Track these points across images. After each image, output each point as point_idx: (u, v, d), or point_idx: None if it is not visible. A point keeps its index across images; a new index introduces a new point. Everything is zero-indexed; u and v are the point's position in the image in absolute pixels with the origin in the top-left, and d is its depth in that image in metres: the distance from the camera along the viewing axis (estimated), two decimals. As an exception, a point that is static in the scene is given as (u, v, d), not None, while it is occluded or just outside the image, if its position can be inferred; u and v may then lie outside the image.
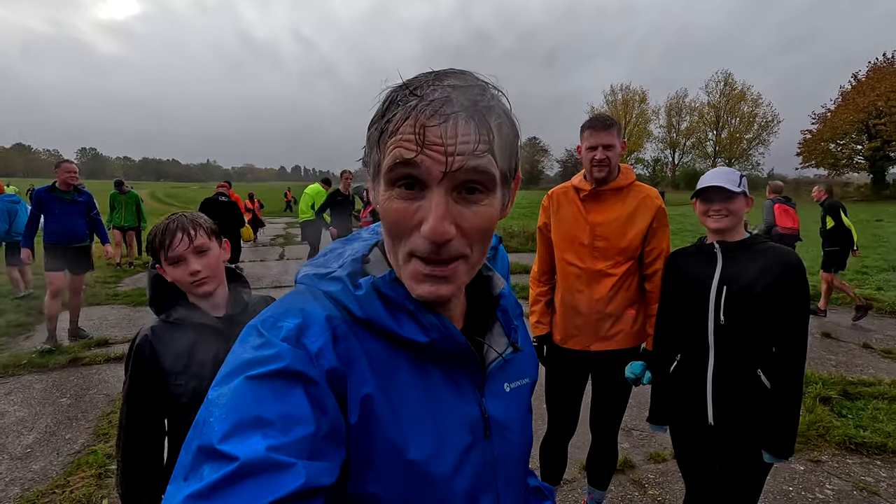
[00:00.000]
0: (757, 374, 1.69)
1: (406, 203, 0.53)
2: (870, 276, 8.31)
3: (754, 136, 49.07)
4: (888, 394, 3.81)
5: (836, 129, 37.08)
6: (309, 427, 0.48)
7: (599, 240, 2.00)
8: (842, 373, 4.28)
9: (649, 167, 56.65)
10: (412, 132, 0.50)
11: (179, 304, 1.31)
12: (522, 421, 0.71)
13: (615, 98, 55.60)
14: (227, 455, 0.44)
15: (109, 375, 4.37)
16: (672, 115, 54.35)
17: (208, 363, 1.24)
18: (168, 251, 1.25)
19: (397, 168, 0.52)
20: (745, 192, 1.72)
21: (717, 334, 1.72)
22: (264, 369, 0.49)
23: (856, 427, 3.30)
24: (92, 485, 2.71)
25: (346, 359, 0.55)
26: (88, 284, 8.09)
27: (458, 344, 0.60)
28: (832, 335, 5.44)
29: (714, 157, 51.59)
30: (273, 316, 0.56)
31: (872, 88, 34.97)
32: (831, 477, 2.82)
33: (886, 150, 34.46)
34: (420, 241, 0.53)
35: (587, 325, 2.04)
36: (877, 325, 5.86)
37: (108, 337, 5.40)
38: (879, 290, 7.26)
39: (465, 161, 0.51)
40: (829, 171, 39.34)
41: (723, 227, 1.73)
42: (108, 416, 3.59)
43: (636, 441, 3.25)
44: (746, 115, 49.32)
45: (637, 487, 2.75)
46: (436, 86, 0.52)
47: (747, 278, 1.67)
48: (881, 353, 4.88)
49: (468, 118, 0.51)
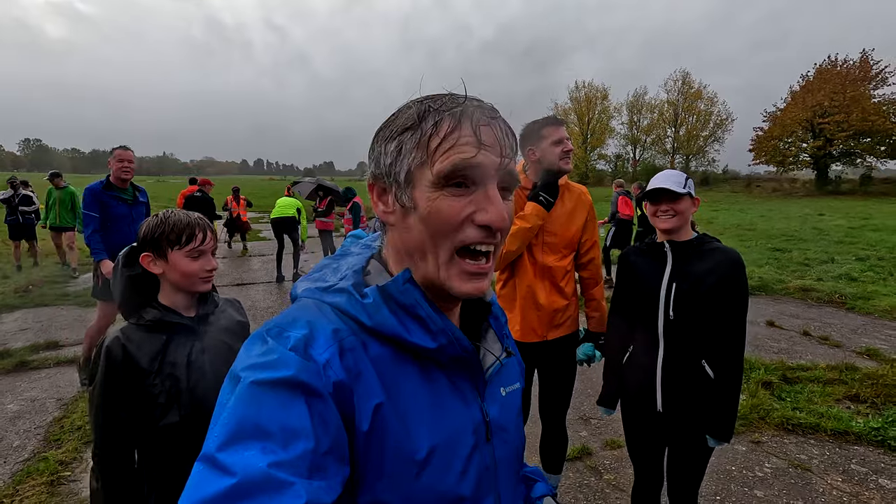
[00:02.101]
0: (702, 364, 1.81)
1: (457, 199, 0.57)
2: (811, 268, 8.85)
3: (710, 133, 51.04)
4: (823, 377, 4.11)
5: (784, 127, 38.97)
6: (309, 442, 0.47)
7: (549, 235, 2.13)
8: (783, 359, 4.58)
9: (611, 163, 58.07)
10: (470, 133, 0.56)
11: (152, 307, 1.31)
12: (517, 423, 0.74)
13: (579, 94, 56.67)
14: (225, 467, 0.44)
15: (60, 379, 4.19)
16: (633, 113, 55.87)
17: (181, 363, 1.26)
18: (191, 243, 1.29)
19: (457, 172, 0.56)
20: (690, 193, 1.82)
21: (666, 328, 1.83)
22: (269, 376, 0.50)
23: (793, 409, 3.54)
24: (43, 493, 2.62)
25: (354, 371, 0.55)
26: (34, 285, 7.71)
27: (465, 349, 0.62)
28: (776, 323, 5.79)
29: (673, 153, 53.38)
30: (278, 326, 0.57)
31: (819, 89, 36.92)
32: (770, 456, 3.03)
33: (829, 148, 36.50)
34: (472, 231, 0.57)
35: (545, 317, 2.15)
36: (816, 314, 6.27)
37: (59, 339, 5.17)
38: (819, 281, 7.74)
39: (511, 157, 0.59)
40: (777, 168, 41.35)
41: (670, 227, 1.82)
42: (59, 421, 3.45)
43: (593, 429, 3.39)
44: (703, 112, 51.21)
45: (594, 473, 2.88)
46: (462, 98, 0.59)
47: (695, 277, 1.78)
48: (818, 340, 5.23)
49: (503, 122, 0.60)
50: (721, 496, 2.66)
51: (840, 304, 6.68)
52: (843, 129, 34.90)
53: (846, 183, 35.73)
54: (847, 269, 8.45)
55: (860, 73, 36.29)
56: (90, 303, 6.72)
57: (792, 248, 10.99)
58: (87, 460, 2.99)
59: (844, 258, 9.52)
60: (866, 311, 6.30)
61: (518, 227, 2.04)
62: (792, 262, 9.38)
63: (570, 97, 57.66)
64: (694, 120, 52.12)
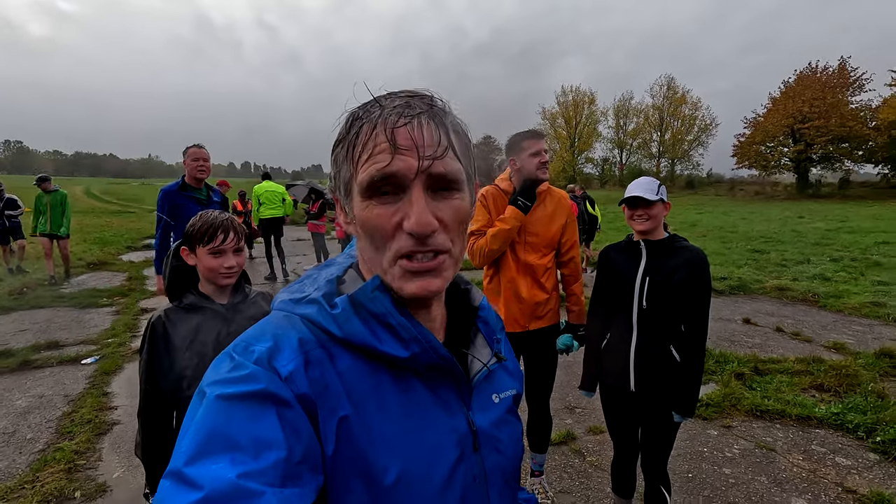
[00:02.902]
0: (669, 349, 2.05)
1: (385, 207, 0.55)
2: (787, 268, 9.22)
3: (695, 137, 52.00)
4: (791, 369, 4.40)
5: (766, 132, 39.90)
6: (281, 451, 0.47)
7: (531, 235, 2.37)
8: (755, 353, 4.86)
9: (598, 167, 58.83)
10: (384, 139, 0.53)
11: (190, 292, 1.52)
12: (512, 432, 0.71)
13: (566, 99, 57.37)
14: (192, 482, 0.43)
15: (65, 377, 4.33)
16: (619, 117, 56.71)
17: (210, 342, 1.47)
18: (212, 242, 1.47)
19: (375, 182, 0.54)
20: (662, 199, 2.06)
21: (639, 316, 2.07)
22: (236, 390, 0.49)
23: (762, 397, 3.81)
24: (62, 479, 2.78)
25: (319, 384, 0.54)
26: (29, 287, 7.76)
27: (441, 356, 0.59)
28: (752, 321, 6.09)
29: (658, 157, 54.26)
30: (245, 341, 0.56)
31: (799, 95, 37.87)
32: (739, 439, 3.29)
33: (809, 152, 37.47)
34: (404, 239, 0.55)
35: (527, 309, 2.39)
36: (790, 311, 6.59)
37: (59, 339, 5.28)
38: (794, 280, 8.09)
39: (434, 157, 0.54)
40: (760, 172, 42.29)
41: (644, 229, 2.06)
42: (69, 415, 3.60)
43: (578, 417, 3.62)
44: (687, 117, 52.19)
45: (578, 455, 3.11)
46: (392, 97, 0.57)
47: (666, 271, 2.02)
48: (790, 335, 5.54)
49: (429, 119, 0.55)
50: (693, 474, 2.90)
51: (813, 302, 7.02)
52: (822, 135, 35.83)
53: (826, 186, 36.69)
54: (821, 270, 8.83)
55: (839, 80, 37.32)
56: (88, 303, 6.84)
57: (770, 249, 11.40)
58: (101, 450, 3.15)
59: (819, 259, 9.92)
60: (837, 308, 6.64)
61: (498, 228, 2.29)
62: (770, 263, 9.76)
63: (557, 101, 58.33)
64: (679, 124, 53.06)
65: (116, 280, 8.55)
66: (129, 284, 8.16)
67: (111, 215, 21.94)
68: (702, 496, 2.71)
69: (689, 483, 2.82)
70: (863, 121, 35.25)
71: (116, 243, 12.89)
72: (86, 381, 4.21)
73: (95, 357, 4.76)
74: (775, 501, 2.66)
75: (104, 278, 8.69)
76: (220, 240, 1.49)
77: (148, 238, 14.34)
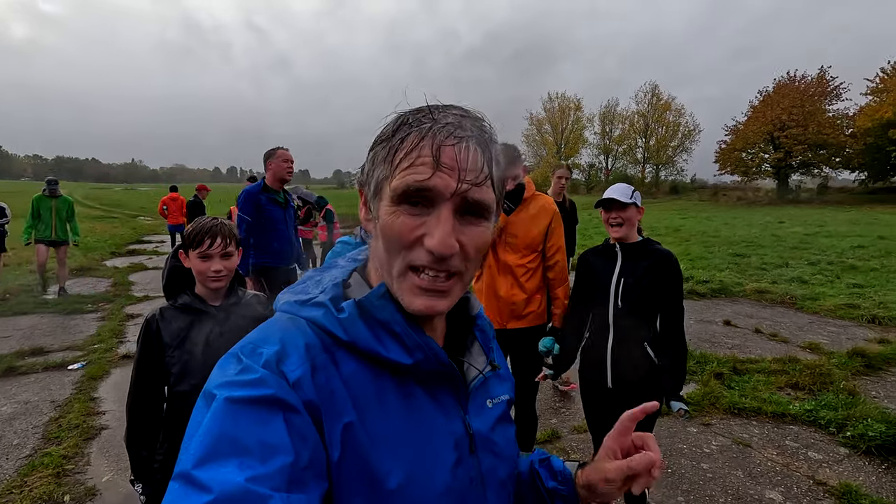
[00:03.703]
0: (644, 347, 2.15)
1: (411, 218, 0.55)
2: (767, 272, 9.46)
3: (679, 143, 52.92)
4: (768, 368, 4.55)
5: (746, 139, 40.78)
6: (288, 456, 0.47)
7: (510, 236, 2.48)
8: (735, 354, 5.01)
9: (585, 172, 59.50)
10: (429, 154, 0.54)
11: (186, 293, 1.58)
12: (507, 435, 0.73)
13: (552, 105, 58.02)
14: (201, 484, 0.43)
15: (51, 383, 4.30)
16: (605, 123, 57.49)
17: (200, 342, 1.54)
18: (200, 247, 1.54)
19: (410, 192, 0.54)
20: (636, 203, 2.17)
21: (615, 315, 2.17)
22: (245, 393, 0.49)
23: (740, 396, 3.94)
24: (51, 483, 2.79)
25: (325, 390, 0.54)
26: (11, 293, 7.65)
27: (443, 363, 0.61)
28: (732, 322, 6.26)
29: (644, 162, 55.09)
30: (252, 342, 0.57)
31: (777, 103, 38.82)
32: (717, 436, 3.41)
33: (789, 159, 38.40)
34: (422, 253, 0.55)
35: (505, 307, 2.49)
36: (769, 314, 6.78)
37: (43, 345, 5.23)
38: (773, 283, 8.31)
39: (474, 183, 0.55)
40: (741, 178, 43.15)
41: (620, 235, 2.17)
42: (55, 420, 3.59)
43: (563, 417, 3.72)
44: (671, 123, 53.11)
45: (562, 454, 3.20)
46: (445, 112, 0.57)
47: (639, 272, 2.13)
48: (768, 336, 5.71)
49: (477, 144, 0.56)
50: (672, 469, 3.01)
51: (791, 304, 7.23)
52: (800, 142, 36.76)
53: (805, 192, 37.61)
54: (799, 273, 9.07)
55: (817, 89, 38.34)
56: (73, 309, 6.77)
57: (751, 253, 11.66)
58: (89, 454, 3.16)
59: (797, 263, 10.19)
60: (813, 310, 6.85)
61: None
62: (750, 267, 10.00)
63: (544, 108, 58.97)
64: (663, 131, 53.96)
65: (101, 286, 8.47)
66: (114, 290, 8.09)
67: (94, 220, 21.62)
68: (680, 490, 2.81)
69: (669, 478, 2.92)
70: (840, 129, 36.24)
71: (100, 249, 12.74)
72: (72, 387, 4.20)
73: (82, 363, 4.73)
74: (750, 494, 2.77)
75: (89, 284, 8.60)
76: (207, 244, 1.55)
77: (132, 244, 14.18)
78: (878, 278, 8.52)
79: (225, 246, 1.59)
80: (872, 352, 4.87)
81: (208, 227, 1.58)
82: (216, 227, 1.60)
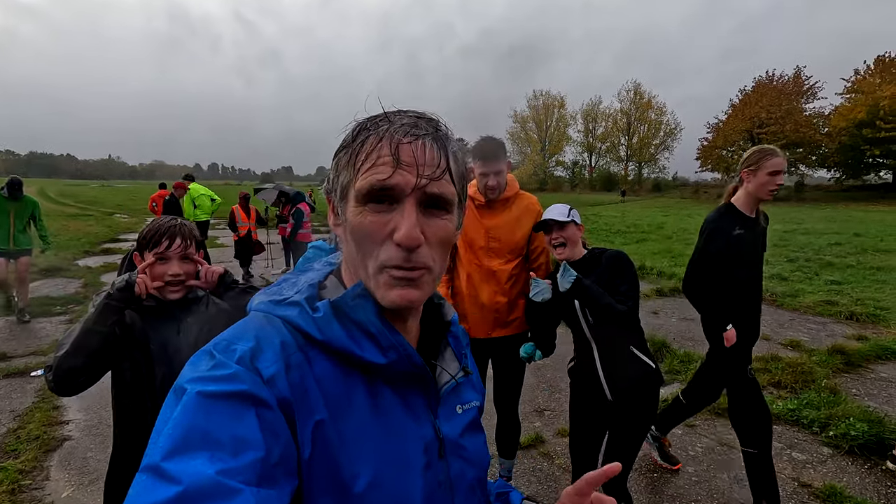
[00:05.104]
0: (631, 350, 2.07)
1: (378, 216, 0.58)
2: (748, 269, 9.57)
3: (661, 141, 53.63)
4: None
5: (727, 137, 41.58)
6: (259, 452, 0.47)
7: (493, 241, 2.35)
8: (718, 352, 5.00)
9: (569, 170, 59.89)
10: (388, 153, 0.56)
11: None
12: (477, 441, 0.73)
13: (537, 103, 58.22)
14: (170, 476, 0.43)
15: (11, 391, 4.08)
16: (589, 121, 57.91)
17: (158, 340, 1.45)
18: (156, 248, 1.43)
19: (374, 191, 0.57)
20: (574, 220, 2.12)
21: (591, 330, 2.10)
22: (218, 388, 0.49)
23: (724, 396, 3.92)
24: (6, 501, 2.61)
25: (299, 389, 0.55)
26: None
27: (416, 364, 0.62)
28: (714, 320, 6.28)
29: (626, 160, 55.66)
30: (226, 339, 0.57)
31: (756, 101, 39.58)
32: (702, 437, 3.37)
33: (767, 157, 39.24)
34: (392, 249, 0.57)
35: (489, 315, 2.36)
36: (750, 311, 6.83)
37: (6, 351, 4.98)
38: (754, 281, 8.40)
39: (431, 178, 0.57)
40: (722, 175, 43.91)
41: (564, 255, 2.13)
42: (14, 432, 3.39)
43: (546, 420, 3.64)
44: (653, 122, 53.76)
45: (546, 458, 3.12)
46: (401, 115, 0.60)
47: (593, 281, 2.06)
48: (750, 334, 5.73)
49: (433, 140, 0.59)
50: (658, 473, 2.96)
51: (771, 301, 7.29)
52: (777, 140, 37.52)
53: (784, 189, 38.37)
54: (779, 270, 9.19)
55: (794, 88, 39.15)
56: (40, 313, 6.47)
57: (732, 250, 11.80)
58: (49, 468, 2.98)
59: (777, 260, 10.33)
60: (793, 307, 6.91)
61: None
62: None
63: (528, 105, 59.12)
64: (645, 129, 54.57)
65: (71, 287, 8.15)
66: (84, 291, 7.78)
67: (68, 218, 20.92)
68: (666, 496, 2.76)
69: (654, 483, 2.87)
70: (815, 127, 37.08)
71: (73, 248, 12.29)
72: (35, 395, 3.98)
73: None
74: (735, 498, 2.73)
75: (58, 285, 8.27)
76: (165, 246, 1.44)
77: (106, 242, 13.75)
78: (855, 275, 8.68)
79: (185, 248, 1.48)
80: (852, 349, 4.91)
81: (166, 228, 1.46)
82: (175, 226, 1.48)
